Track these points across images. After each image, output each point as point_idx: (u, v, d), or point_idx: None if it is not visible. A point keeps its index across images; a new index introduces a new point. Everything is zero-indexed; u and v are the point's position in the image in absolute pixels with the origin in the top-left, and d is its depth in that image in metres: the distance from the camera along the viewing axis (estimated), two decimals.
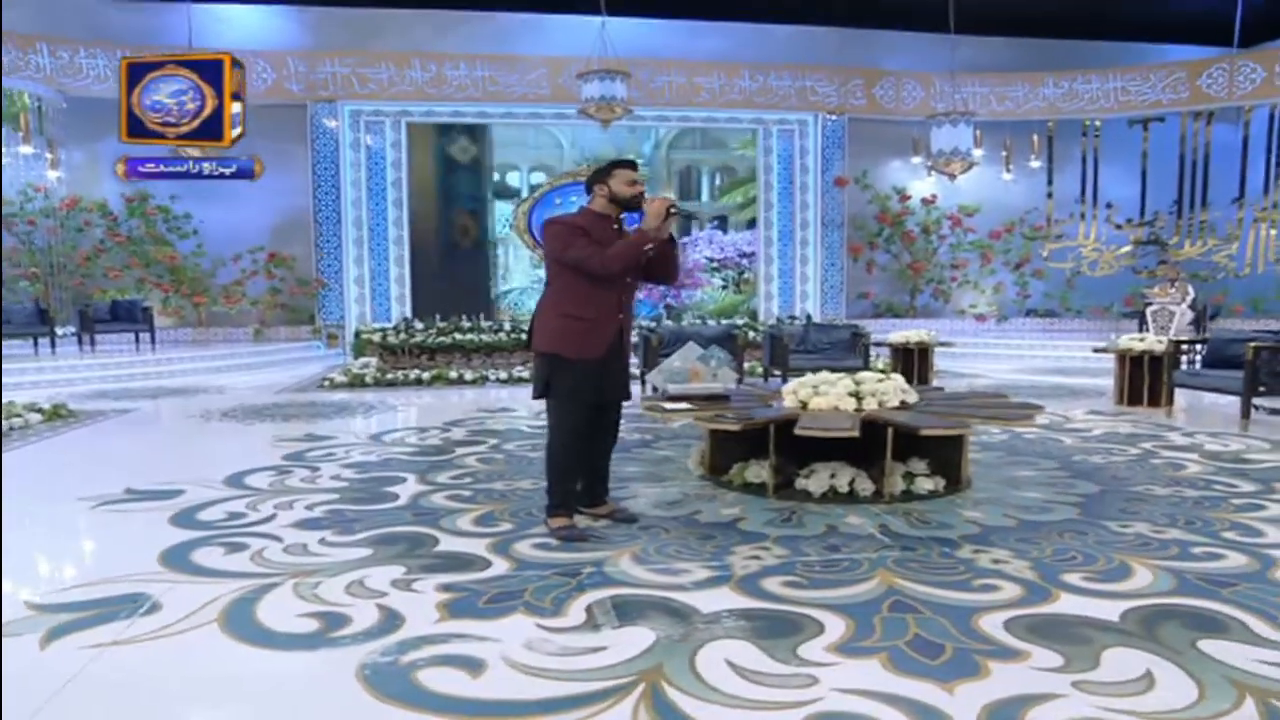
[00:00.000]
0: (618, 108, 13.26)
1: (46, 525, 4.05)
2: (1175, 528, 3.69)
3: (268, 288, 14.51)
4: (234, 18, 15.04)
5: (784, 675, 2.32)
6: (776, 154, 15.98)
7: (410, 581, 3.07)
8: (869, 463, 4.29)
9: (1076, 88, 15.39)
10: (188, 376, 10.52)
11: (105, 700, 2.27)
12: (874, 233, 15.72)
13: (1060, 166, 15.44)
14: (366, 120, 15.32)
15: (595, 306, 3.61)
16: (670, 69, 15.40)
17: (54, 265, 13.54)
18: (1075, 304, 15.46)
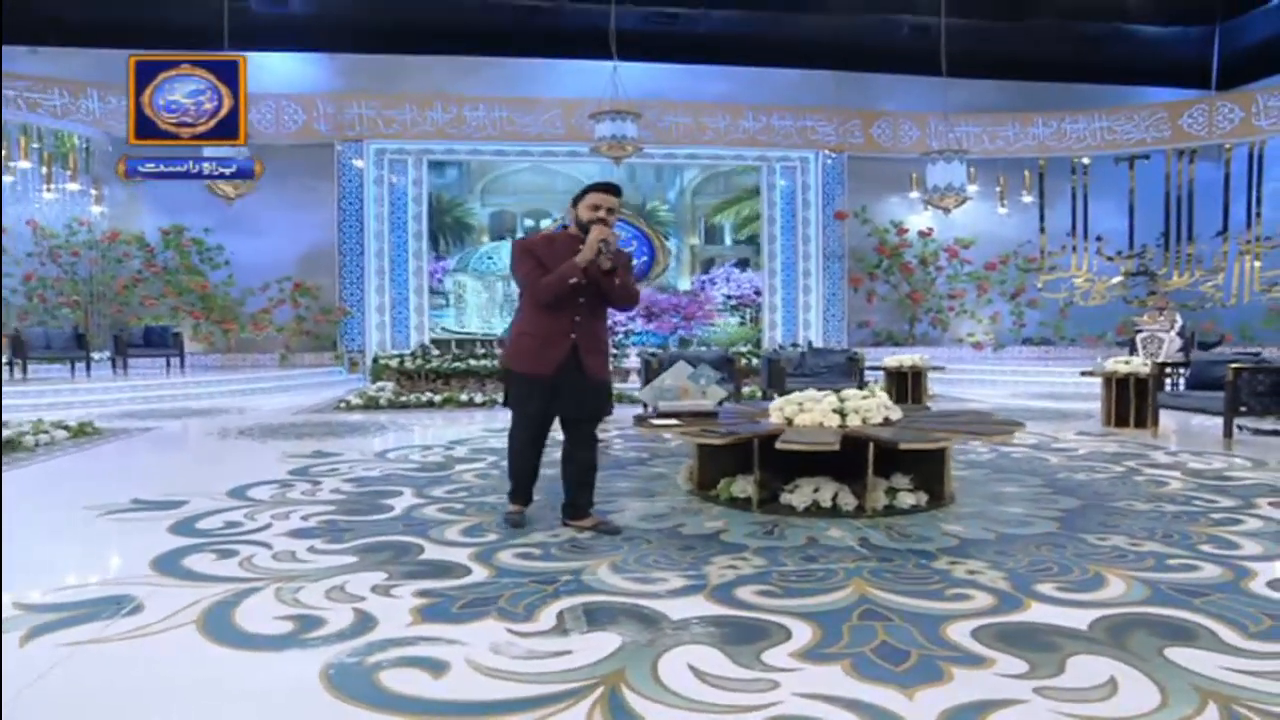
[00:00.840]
0: (628, 146, 13.30)
1: (48, 532, 3.98)
2: (1153, 541, 3.55)
3: (293, 316, 14.55)
4: (270, 64, 15.22)
5: (745, 680, 2.20)
6: (779, 189, 15.98)
7: (390, 587, 2.98)
8: (853, 478, 4.17)
9: (1065, 127, 15.41)
10: (213, 399, 10.52)
11: (68, 695, 2.19)
12: (873, 264, 15.65)
13: (1051, 201, 15.39)
14: (390, 158, 15.44)
15: (545, 325, 3.64)
16: (678, 110, 15.48)
17: (94, 294, 13.65)
18: (1069, 332, 15.30)
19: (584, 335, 3.66)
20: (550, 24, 15.64)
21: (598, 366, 3.74)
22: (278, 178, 14.25)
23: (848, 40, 15.24)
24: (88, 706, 2.14)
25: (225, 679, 2.29)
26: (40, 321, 12.56)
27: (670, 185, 16.41)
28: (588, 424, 3.83)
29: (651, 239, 16.22)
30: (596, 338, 3.74)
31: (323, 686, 2.18)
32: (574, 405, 3.72)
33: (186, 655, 2.42)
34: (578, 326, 3.64)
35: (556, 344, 3.61)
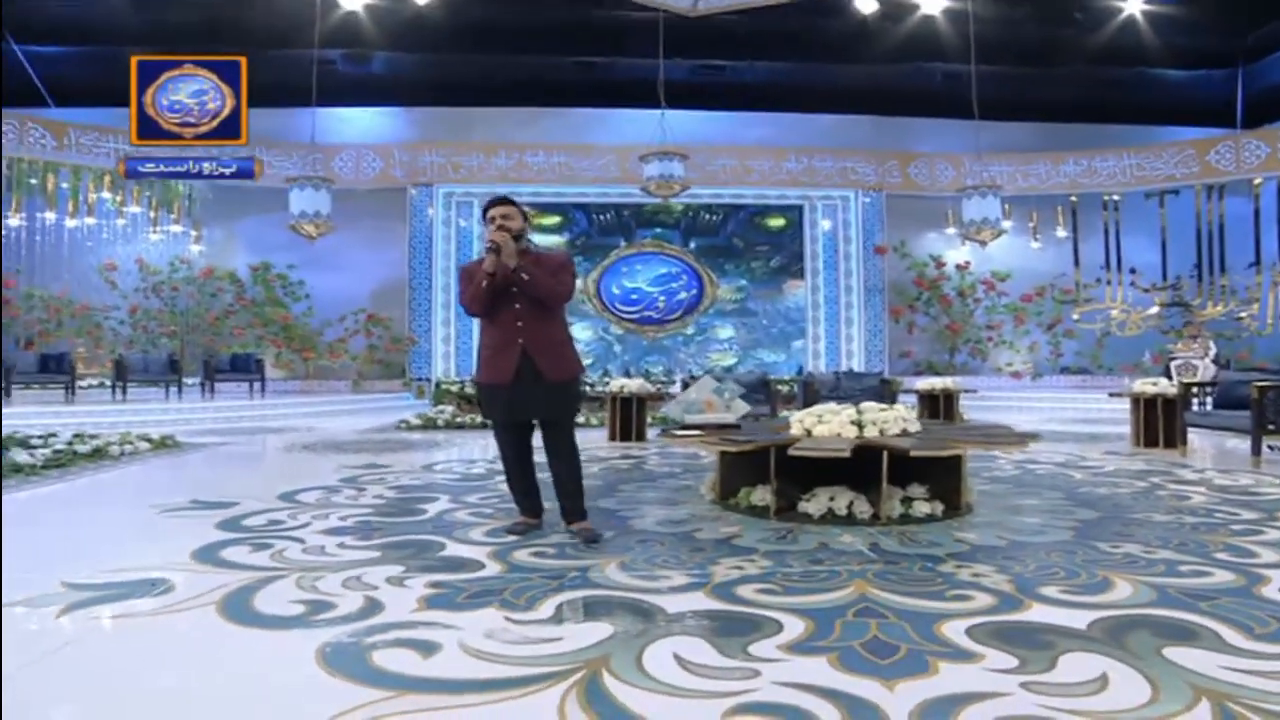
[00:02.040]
0: (675, 185, 13.34)
1: (109, 524, 4.05)
2: (1167, 549, 3.31)
3: (366, 345, 14.84)
4: (351, 117, 15.76)
5: (727, 669, 2.08)
6: (821, 226, 15.83)
7: (404, 578, 2.93)
8: (869, 488, 4.00)
9: (1095, 165, 15.04)
10: (288, 420, 10.72)
11: (88, 657, 2.21)
12: (913, 297, 15.38)
13: (1085, 236, 14.97)
14: (457, 200, 15.74)
15: (494, 336, 3.64)
16: (725, 153, 15.53)
17: (190, 324, 14.12)
18: (1107, 362, 14.74)
19: (531, 338, 3.57)
20: (605, 77, 15.88)
21: (553, 368, 3.60)
22: (355, 218, 14.66)
23: (884, 87, 15.18)
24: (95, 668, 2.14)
25: (226, 651, 2.26)
26: (142, 349, 13.02)
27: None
28: (556, 427, 3.69)
29: (700, 274, 16.17)
30: (546, 339, 3.63)
31: (315, 661, 2.12)
32: (536, 408, 3.62)
33: (197, 630, 2.41)
34: (523, 331, 3.56)
35: (507, 351, 3.56)
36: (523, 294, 3.57)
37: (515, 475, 3.78)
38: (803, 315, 16.01)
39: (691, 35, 13.73)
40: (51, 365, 10.82)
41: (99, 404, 10.10)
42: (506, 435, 3.73)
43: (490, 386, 3.66)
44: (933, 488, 4.08)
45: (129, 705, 1.93)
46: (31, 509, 4.53)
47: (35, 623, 2.47)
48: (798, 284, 16.08)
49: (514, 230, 3.60)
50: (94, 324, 13.32)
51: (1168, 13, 13.77)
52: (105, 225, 13.66)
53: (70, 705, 1.96)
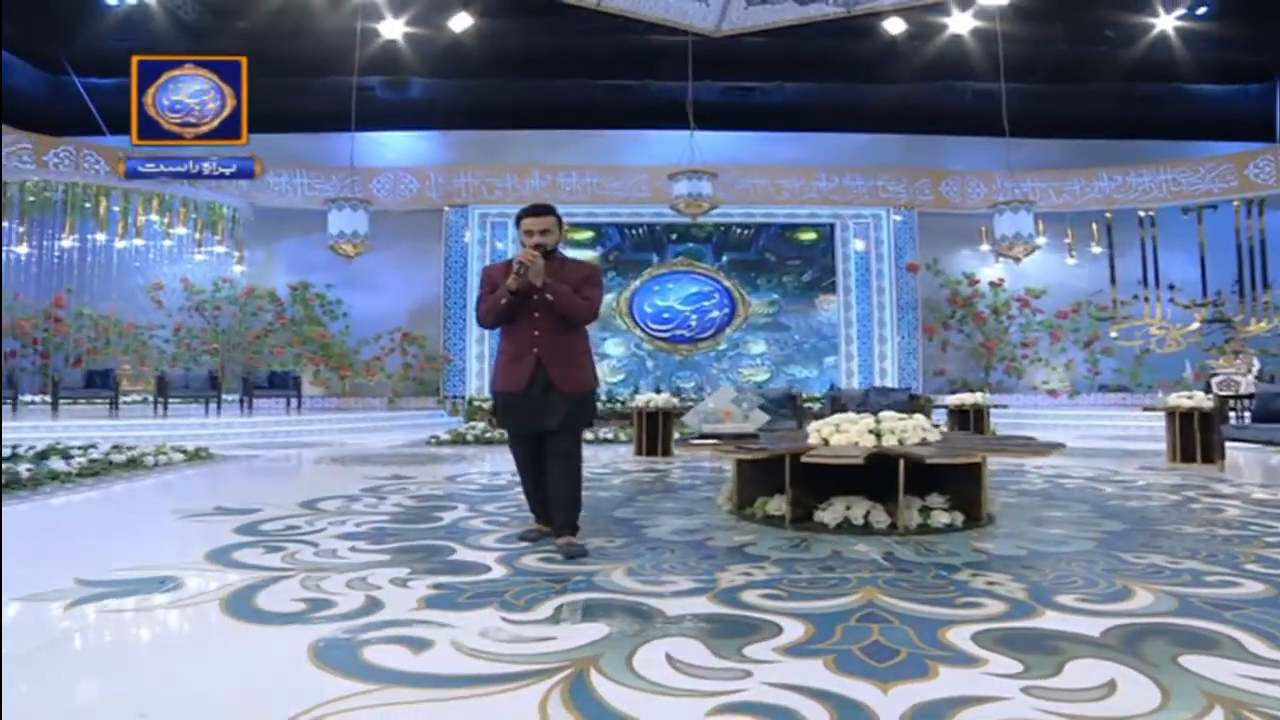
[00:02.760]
0: (704, 203, 13.34)
1: (133, 527, 4.12)
2: (1194, 559, 3.17)
3: (401, 363, 14.99)
4: (389, 141, 16.06)
5: (718, 669, 2.02)
6: (853, 244, 15.71)
7: (407, 580, 2.91)
8: (887, 498, 3.91)
9: (1130, 180, 14.73)
10: (322, 435, 10.84)
11: (88, 646, 2.24)
12: (947, 314, 15.14)
13: (1121, 252, 14.62)
14: (492, 221, 15.90)
15: (511, 344, 3.58)
16: (756, 173, 15.51)
17: (231, 343, 14.40)
18: (1146, 379, 14.34)
19: (547, 349, 3.50)
20: (636, 99, 16.00)
21: (568, 380, 3.51)
22: (392, 239, 14.89)
23: (914, 106, 15.09)
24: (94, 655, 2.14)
25: (219, 642, 2.28)
26: (185, 367, 13.30)
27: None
28: (561, 436, 3.56)
29: (732, 292, 16.10)
30: (563, 351, 3.54)
31: (306, 654, 2.11)
32: (545, 416, 3.51)
33: (195, 624, 2.43)
34: (538, 341, 3.49)
35: (522, 361, 3.50)
36: (541, 305, 3.49)
37: (528, 482, 3.74)
38: (835, 331, 15.87)
39: (721, 58, 13.78)
40: (97, 381, 11.11)
41: (141, 419, 10.33)
42: (519, 443, 3.71)
43: (505, 394, 3.61)
44: (953, 498, 3.97)
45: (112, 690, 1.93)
46: (62, 513, 4.62)
47: (44, 614, 2.50)
48: (830, 299, 15.94)
49: (549, 246, 3.54)
50: (140, 342, 13.66)
51: (1201, 28, 13.53)
52: (152, 246, 14.04)
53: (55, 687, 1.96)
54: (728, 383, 14.76)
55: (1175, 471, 6.20)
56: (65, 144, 13.54)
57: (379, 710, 1.77)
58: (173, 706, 1.85)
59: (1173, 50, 13.68)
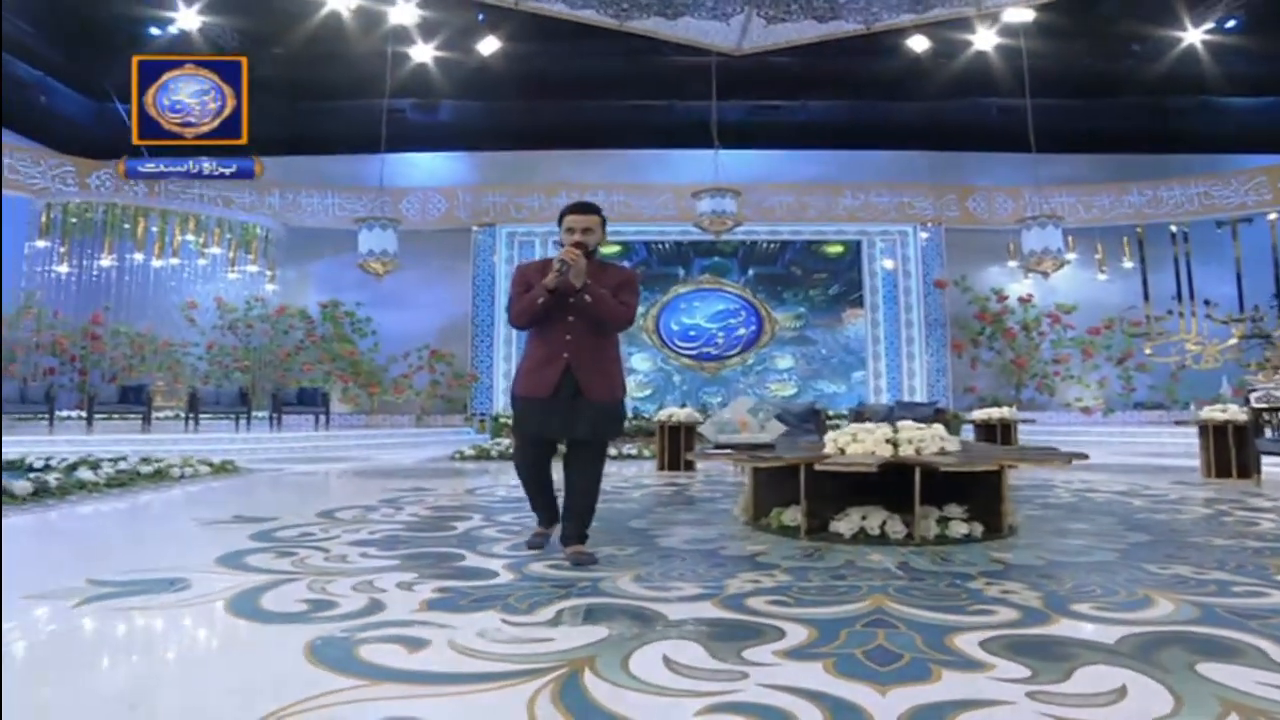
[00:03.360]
0: (728, 220, 13.35)
1: (151, 534, 4.15)
2: (1222, 571, 3.06)
3: (429, 380, 15.10)
4: (418, 161, 16.30)
5: (715, 671, 1.97)
6: (879, 261, 15.61)
7: (413, 584, 2.90)
8: (904, 508, 3.83)
9: (1160, 194, 14.49)
10: (348, 450, 10.92)
11: (93, 641, 2.25)
12: (976, 331, 14.92)
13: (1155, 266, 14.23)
14: (520, 240, 16.02)
15: (541, 349, 3.39)
16: (781, 191, 15.50)
17: (262, 360, 14.61)
18: (1182, 396, 13.98)
19: (579, 356, 3.35)
20: (663, 119, 16.11)
21: (597, 388, 3.37)
22: (421, 258, 15.06)
23: (940, 122, 15.02)
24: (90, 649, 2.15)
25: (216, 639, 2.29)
26: (217, 384, 13.51)
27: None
28: (586, 447, 3.47)
29: (759, 310, 16.04)
30: (594, 357, 3.39)
31: (301, 651, 2.10)
32: (569, 425, 3.37)
33: (197, 621, 2.43)
34: (570, 346, 3.34)
35: (551, 366, 3.34)
36: (577, 308, 3.35)
37: (533, 489, 3.64)
38: (863, 346, 15.73)
39: (745, 78, 13.84)
40: (131, 397, 11.32)
41: (172, 433, 10.49)
42: (530, 451, 3.56)
43: (526, 399, 3.42)
44: (972, 509, 3.88)
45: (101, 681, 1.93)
46: (86, 520, 4.68)
47: (54, 612, 2.52)
48: (857, 312, 15.81)
49: (590, 246, 3.39)
50: (174, 359, 13.91)
51: (1230, 42, 13.32)
52: (187, 266, 14.33)
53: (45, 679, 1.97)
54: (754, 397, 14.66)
55: (1209, 486, 6.02)
56: (107, 167, 13.91)
57: (365, 705, 1.75)
58: (159, 697, 1.85)
59: (1201, 64, 13.49)
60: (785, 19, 9.60)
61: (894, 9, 9.42)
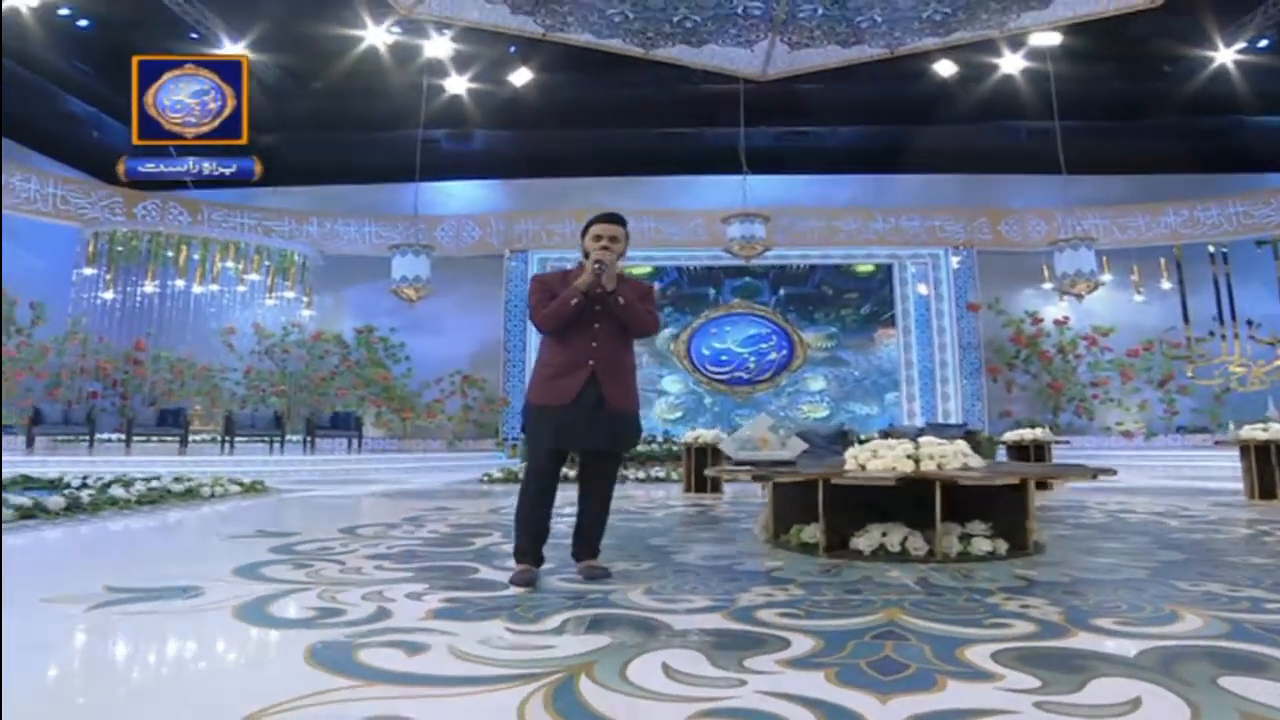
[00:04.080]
0: (758, 245, 13.33)
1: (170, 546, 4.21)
2: (1257, 588, 2.92)
3: (462, 405, 15.20)
4: (452, 189, 16.58)
5: (713, 678, 1.93)
6: (911, 285, 15.47)
7: (422, 594, 2.89)
8: (925, 524, 3.74)
9: (1196, 214, 14.18)
10: (380, 473, 11.01)
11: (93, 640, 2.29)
12: (1011, 354, 14.66)
13: (1194, 288, 13.94)
14: (552, 266, 16.14)
15: (563, 356, 3.30)
16: (811, 215, 15.48)
17: (298, 385, 14.83)
18: (1227, 419, 13.54)
19: (603, 364, 3.28)
20: (693, 146, 16.20)
21: (619, 396, 3.30)
22: (454, 284, 15.25)
23: (969, 146, 14.91)
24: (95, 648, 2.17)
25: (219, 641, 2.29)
26: (254, 408, 13.74)
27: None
28: (603, 459, 3.40)
29: (791, 334, 15.95)
30: (617, 367, 3.34)
31: (301, 653, 2.09)
32: (589, 436, 3.26)
33: (202, 625, 2.44)
34: (594, 353, 3.28)
35: (574, 373, 3.26)
36: (603, 315, 3.31)
37: (534, 513, 3.31)
38: (895, 367, 15.55)
39: (773, 104, 13.90)
40: (169, 420, 11.56)
41: (207, 455, 10.68)
42: (544, 465, 3.37)
43: (543, 408, 3.30)
44: (996, 525, 3.78)
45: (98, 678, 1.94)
46: (114, 534, 4.76)
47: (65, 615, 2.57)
48: (889, 332, 15.65)
49: (617, 254, 3.36)
50: (212, 384, 14.19)
51: (1263, 61, 13.08)
52: (227, 292, 14.66)
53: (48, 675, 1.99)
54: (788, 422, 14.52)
55: (1253, 508, 5.80)
56: (153, 198, 14.35)
57: (353, 704, 1.74)
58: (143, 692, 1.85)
59: (1233, 83, 13.26)
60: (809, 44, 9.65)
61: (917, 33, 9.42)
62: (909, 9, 8.91)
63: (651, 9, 8.99)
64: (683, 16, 9.16)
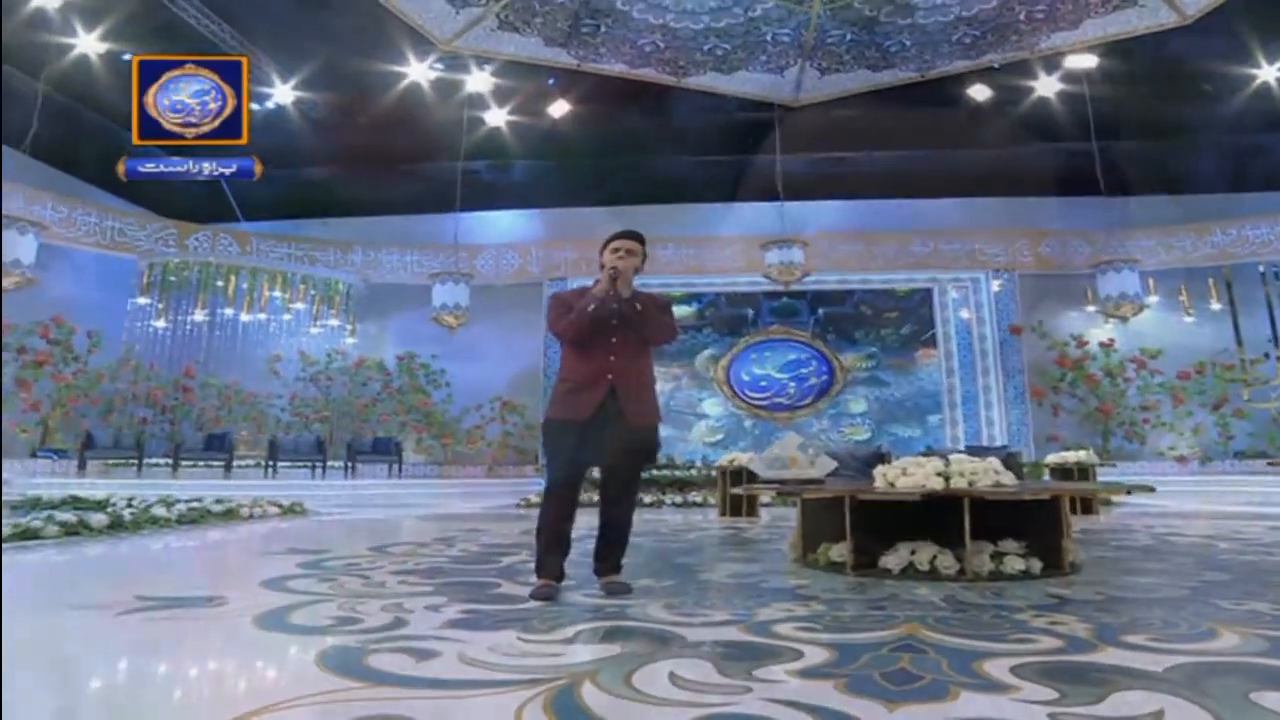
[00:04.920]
0: (796, 270, 13.29)
1: (208, 561, 4.27)
2: None
3: (501, 431, 15.29)
4: (492, 219, 16.83)
5: (718, 685, 1.90)
6: (952, 308, 15.24)
7: (440, 606, 2.90)
8: (956, 543, 3.65)
9: (1245, 233, 13.72)
10: (419, 498, 11.10)
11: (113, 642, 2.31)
12: (1056, 378, 14.29)
13: (1246, 308, 13.35)
14: None
15: (581, 370, 3.32)
16: (849, 240, 15.38)
17: (341, 411, 15.07)
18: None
19: (621, 377, 3.28)
20: (730, 174, 16.23)
21: (639, 409, 3.29)
22: (494, 312, 15.42)
23: (1006, 168, 14.69)
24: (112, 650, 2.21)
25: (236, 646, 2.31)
26: (298, 433, 13.98)
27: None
28: (624, 473, 3.40)
29: (830, 359, 15.79)
30: (636, 380, 3.34)
31: (311, 657, 2.11)
32: (609, 449, 3.25)
33: (220, 630, 2.47)
34: (613, 367, 3.28)
35: (593, 388, 3.25)
36: (621, 328, 3.32)
37: (555, 528, 3.32)
38: (938, 388, 15.26)
39: (809, 131, 13.91)
40: (214, 444, 11.84)
41: (251, 479, 10.89)
42: (564, 482, 3.35)
43: (562, 423, 3.30)
44: (1030, 545, 3.67)
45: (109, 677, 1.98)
46: (151, 550, 4.86)
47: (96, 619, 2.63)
48: (930, 352, 15.39)
49: (635, 267, 3.43)
50: (258, 411, 14.49)
51: None
52: (273, 320, 15.01)
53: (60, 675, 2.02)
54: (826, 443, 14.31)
55: None
56: (204, 230, 14.83)
57: (354, 704, 1.74)
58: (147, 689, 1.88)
59: (1276, 100, 12.91)
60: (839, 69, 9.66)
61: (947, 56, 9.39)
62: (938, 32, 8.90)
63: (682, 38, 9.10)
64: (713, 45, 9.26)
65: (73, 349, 12.99)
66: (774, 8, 8.78)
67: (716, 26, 8.91)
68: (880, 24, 8.69)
